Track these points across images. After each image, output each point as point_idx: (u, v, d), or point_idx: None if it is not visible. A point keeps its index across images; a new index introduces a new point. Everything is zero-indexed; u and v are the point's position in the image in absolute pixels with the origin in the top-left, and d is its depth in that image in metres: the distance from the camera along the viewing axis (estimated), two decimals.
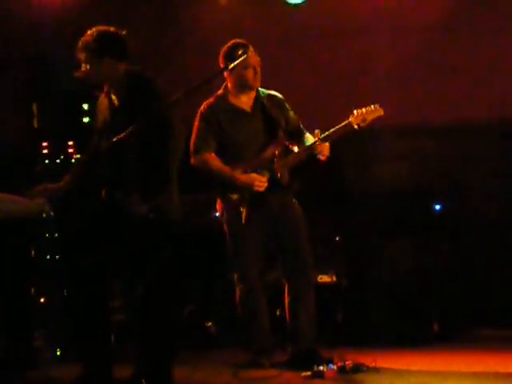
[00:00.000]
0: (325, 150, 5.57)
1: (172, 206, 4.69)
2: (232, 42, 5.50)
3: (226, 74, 5.58)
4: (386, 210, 7.26)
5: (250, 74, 5.55)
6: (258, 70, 5.56)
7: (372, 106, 5.59)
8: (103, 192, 4.71)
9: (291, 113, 5.73)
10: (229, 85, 5.64)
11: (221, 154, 5.57)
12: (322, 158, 5.58)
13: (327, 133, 5.57)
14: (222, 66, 5.44)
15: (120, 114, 4.74)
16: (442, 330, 6.77)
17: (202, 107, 5.63)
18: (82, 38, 4.77)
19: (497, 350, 6.13)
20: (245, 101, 5.64)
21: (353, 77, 7.39)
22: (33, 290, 5.50)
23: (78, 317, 4.76)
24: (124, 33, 4.79)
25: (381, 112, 5.60)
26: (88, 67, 4.76)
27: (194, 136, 5.60)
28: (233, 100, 5.63)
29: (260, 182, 5.50)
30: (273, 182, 5.56)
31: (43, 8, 7.28)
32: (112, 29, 4.78)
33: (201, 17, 7.50)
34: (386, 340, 6.44)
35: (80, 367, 4.75)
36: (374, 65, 7.30)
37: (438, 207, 7.40)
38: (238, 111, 5.62)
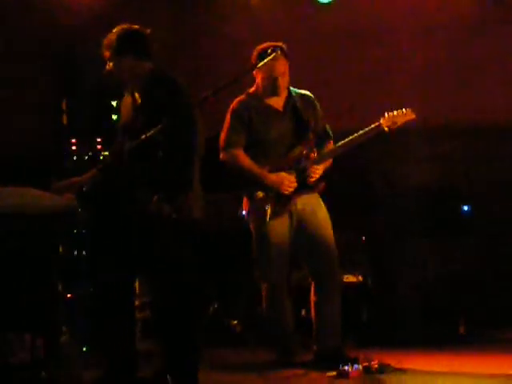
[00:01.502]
0: (316, 171, 5.55)
1: (195, 205, 4.68)
2: (267, 43, 5.41)
3: (255, 73, 5.58)
4: (413, 211, 7.24)
5: (270, 83, 5.53)
6: (280, 81, 5.52)
7: (404, 110, 5.57)
8: (127, 190, 4.72)
9: (320, 114, 5.72)
10: (259, 84, 5.63)
11: (249, 151, 5.57)
12: (312, 179, 5.56)
13: (357, 134, 5.55)
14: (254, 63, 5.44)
15: (142, 113, 4.75)
16: (468, 332, 6.74)
17: (233, 104, 5.63)
18: (107, 36, 4.79)
19: None
20: (276, 100, 5.63)
21: (381, 77, 7.36)
22: (60, 286, 5.53)
23: (103, 313, 4.78)
24: (149, 31, 4.80)
25: (412, 116, 5.57)
26: (111, 65, 4.78)
27: (224, 132, 5.61)
28: (264, 98, 5.63)
29: (289, 182, 5.51)
30: (299, 181, 5.56)
31: (74, 4, 7.31)
32: (136, 27, 4.79)
33: (228, 16, 7.50)
34: (412, 341, 6.42)
35: (105, 363, 4.77)
36: (403, 65, 7.28)
37: (466, 208, 7.36)
38: (270, 110, 5.62)
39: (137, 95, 4.82)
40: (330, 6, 7.31)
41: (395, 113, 5.56)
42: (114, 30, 4.79)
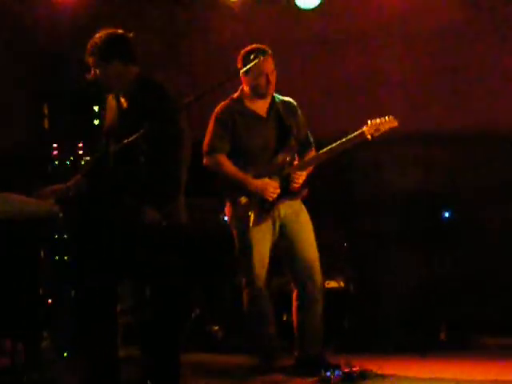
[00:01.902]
0: (300, 178, 5.56)
1: (181, 212, 4.68)
2: (250, 46, 5.48)
3: (242, 77, 5.58)
4: (395, 217, 7.27)
5: (262, 81, 5.54)
6: (272, 78, 5.54)
7: (386, 117, 5.57)
8: (113, 195, 4.70)
9: (303, 121, 5.72)
10: (244, 88, 5.64)
11: (232, 157, 5.57)
12: (296, 185, 5.56)
13: (340, 141, 5.56)
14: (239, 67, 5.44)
15: (128, 118, 4.71)
16: (449, 338, 6.76)
17: (217, 108, 5.63)
18: (90, 42, 4.72)
19: (503, 359, 6.11)
20: (260, 105, 5.63)
21: (364, 83, 7.39)
22: (41, 291, 5.51)
23: (86, 318, 4.75)
24: (131, 35, 4.76)
25: (395, 123, 5.56)
26: (97, 71, 4.73)
27: (208, 136, 5.60)
28: (248, 104, 5.63)
29: (273, 188, 5.51)
30: (282, 187, 5.56)
31: (59, 8, 7.28)
32: (120, 31, 4.74)
33: (213, 22, 7.50)
34: (393, 347, 6.44)
35: (87, 368, 4.75)
36: (385, 72, 7.31)
37: (447, 214, 7.39)
38: (254, 115, 5.61)
39: (122, 100, 4.78)
40: (314, 13, 7.30)
41: (378, 120, 5.56)
42: (97, 36, 4.71)
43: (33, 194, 4.75)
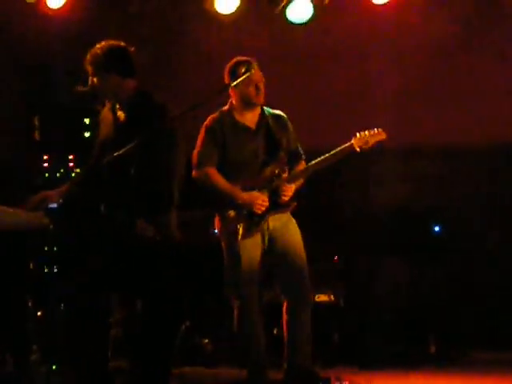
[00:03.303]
0: (289, 190, 5.57)
1: (173, 224, 4.67)
2: (236, 59, 5.51)
3: (230, 90, 5.59)
4: (385, 231, 7.28)
5: (252, 91, 5.55)
6: (261, 86, 5.56)
7: (375, 130, 5.59)
8: (103, 208, 4.69)
9: (293, 134, 5.73)
10: (233, 101, 5.65)
11: (221, 169, 5.57)
12: (285, 198, 5.57)
13: (329, 154, 5.57)
14: (226, 82, 5.46)
15: (125, 131, 4.70)
16: (438, 352, 6.76)
17: (207, 121, 5.63)
18: (91, 51, 4.73)
19: (492, 373, 6.12)
20: (249, 118, 5.64)
21: (353, 98, 7.41)
22: (30, 303, 5.49)
23: (77, 331, 4.73)
24: (133, 49, 4.78)
25: (383, 136, 5.59)
26: (95, 81, 4.74)
27: (197, 149, 5.60)
28: (238, 116, 5.63)
29: (262, 201, 5.51)
30: (271, 200, 5.56)
31: (48, 20, 7.29)
32: (122, 44, 4.76)
33: (204, 35, 7.51)
34: (383, 360, 6.43)
35: (76, 381, 4.73)
36: (374, 87, 7.33)
37: (437, 229, 7.40)
38: (243, 128, 5.62)
39: (119, 112, 4.78)
40: (305, 26, 7.32)
41: (367, 133, 5.58)
42: (99, 46, 4.72)
43: (23, 205, 4.73)
